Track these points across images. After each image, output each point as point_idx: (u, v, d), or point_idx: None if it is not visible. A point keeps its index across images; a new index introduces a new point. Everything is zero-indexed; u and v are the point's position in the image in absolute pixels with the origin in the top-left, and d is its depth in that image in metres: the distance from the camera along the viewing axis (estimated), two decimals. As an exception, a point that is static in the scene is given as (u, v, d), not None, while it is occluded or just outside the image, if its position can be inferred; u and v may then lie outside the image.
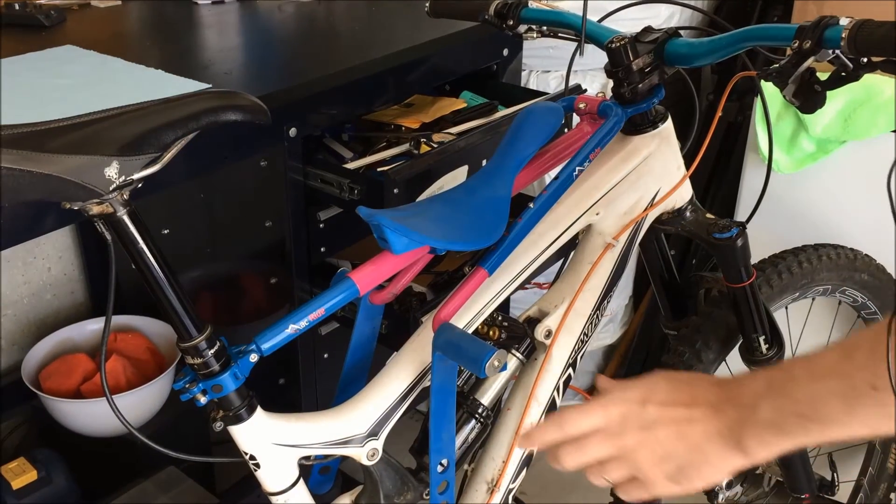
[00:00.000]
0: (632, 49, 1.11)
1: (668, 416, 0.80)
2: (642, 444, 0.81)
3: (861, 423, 0.70)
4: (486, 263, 1.07)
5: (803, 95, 0.97)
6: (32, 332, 1.90)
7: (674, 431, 0.80)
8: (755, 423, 0.75)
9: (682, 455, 0.79)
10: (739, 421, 0.76)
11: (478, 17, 1.30)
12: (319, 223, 1.47)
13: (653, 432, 0.81)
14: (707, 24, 1.97)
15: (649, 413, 0.81)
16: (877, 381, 0.67)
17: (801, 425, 0.73)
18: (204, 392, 0.96)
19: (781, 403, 0.74)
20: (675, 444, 0.80)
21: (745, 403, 0.76)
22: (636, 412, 0.82)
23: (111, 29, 1.72)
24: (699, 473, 0.79)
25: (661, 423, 0.80)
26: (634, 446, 0.81)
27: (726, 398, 0.78)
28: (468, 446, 1.16)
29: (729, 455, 0.77)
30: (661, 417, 0.81)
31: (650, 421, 0.81)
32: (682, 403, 0.81)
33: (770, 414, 0.74)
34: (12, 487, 1.47)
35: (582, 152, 1.12)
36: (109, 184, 0.83)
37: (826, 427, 0.71)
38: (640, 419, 0.82)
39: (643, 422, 0.81)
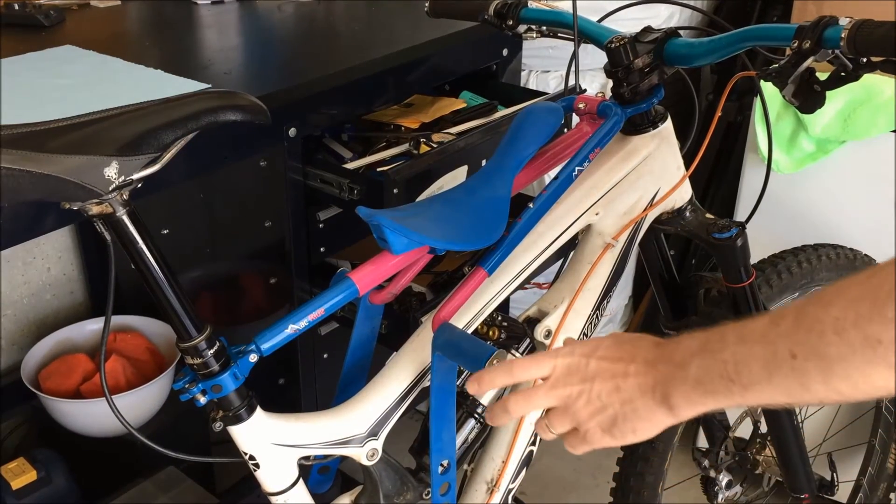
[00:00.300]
0: (631, 49, 1.11)
1: (607, 369, 0.83)
2: (581, 395, 0.84)
3: (778, 389, 0.71)
4: (485, 263, 1.07)
5: (803, 95, 0.97)
6: (32, 332, 1.90)
7: (611, 385, 0.83)
8: (683, 381, 0.77)
9: (616, 408, 0.82)
10: (669, 377, 0.79)
11: (477, 17, 1.30)
12: (319, 223, 1.47)
13: (592, 384, 0.84)
14: (707, 24, 1.97)
15: (591, 366, 0.84)
16: (796, 349, 0.69)
17: (724, 386, 0.74)
18: (203, 392, 0.97)
19: (709, 363, 0.76)
20: (610, 396, 0.82)
21: (678, 361, 0.78)
22: (580, 365, 0.85)
23: (111, 29, 1.72)
24: (631, 427, 0.82)
25: (600, 376, 0.83)
26: (575, 398, 0.84)
27: (661, 355, 0.81)
28: (468, 446, 1.16)
29: (657, 410, 0.80)
30: (601, 371, 0.83)
31: (591, 374, 0.84)
32: (622, 359, 0.83)
33: (698, 372, 0.76)
34: (12, 487, 1.47)
35: (581, 152, 1.12)
36: (109, 184, 0.83)
37: (747, 390, 0.73)
38: (582, 372, 0.85)
39: (585, 374, 0.84)
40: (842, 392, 0.68)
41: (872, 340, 0.64)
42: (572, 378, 0.85)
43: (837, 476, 1.57)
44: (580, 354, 0.86)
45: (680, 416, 0.80)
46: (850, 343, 0.65)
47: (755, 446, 1.54)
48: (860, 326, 0.64)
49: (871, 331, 0.64)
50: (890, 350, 0.63)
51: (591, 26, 1.20)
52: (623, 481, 1.50)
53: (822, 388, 0.68)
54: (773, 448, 1.51)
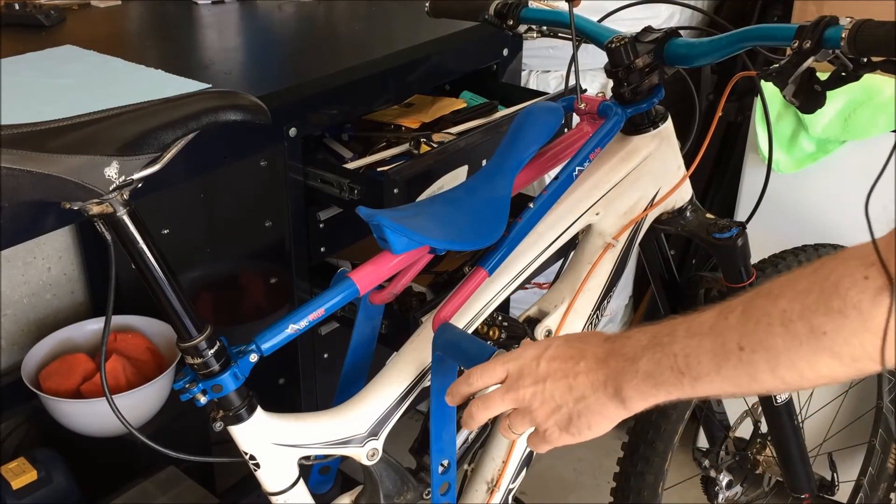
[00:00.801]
0: (632, 49, 1.11)
1: (558, 369, 0.85)
2: (535, 395, 0.86)
3: (727, 381, 0.73)
4: (486, 264, 1.07)
5: (803, 95, 0.97)
6: (32, 332, 1.90)
7: (563, 383, 0.84)
8: (634, 374, 0.79)
9: (571, 405, 0.84)
10: (620, 371, 0.80)
11: (478, 17, 1.30)
12: (319, 223, 1.47)
13: (545, 385, 0.85)
14: (707, 23, 1.97)
15: (542, 367, 0.86)
16: (743, 342, 0.71)
17: (675, 378, 0.76)
18: (204, 392, 0.96)
19: (659, 356, 0.77)
20: (563, 395, 0.84)
21: (628, 355, 0.80)
22: (531, 367, 0.86)
23: (111, 29, 1.72)
24: (586, 423, 0.84)
25: (551, 376, 0.85)
26: (530, 399, 0.86)
27: (612, 350, 0.82)
28: (468, 446, 1.17)
29: (609, 404, 0.82)
30: (552, 371, 0.85)
31: (542, 374, 0.85)
32: (572, 357, 0.85)
33: (648, 366, 0.78)
34: (12, 487, 1.47)
35: (582, 152, 1.12)
36: (109, 184, 0.83)
37: (697, 382, 0.75)
38: (533, 374, 0.86)
39: (536, 376, 0.86)
40: (788, 381, 0.69)
41: (818, 331, 0.65)
42: (525, 381, 0.87)
43: (838, 476, 1.57)
44: (530, 357, 0.87)
45: (632, 409, 0.81)
46: (796, 334, 0.67)
47: (755, 446, 1.54)
48: (806, 318, 0.66)
49: (816, 322, 0.65)
50: (835, 340, 0.65)
51: (592, 26, 1.20)
52: (623, 481, 1.50)
53: (769, 378, 0.70)
54: (773, 448, 1.51)
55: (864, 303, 0.63)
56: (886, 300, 0.62)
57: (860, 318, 0.64)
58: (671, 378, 0.76)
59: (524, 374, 0.87)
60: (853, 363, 0.66)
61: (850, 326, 0.64)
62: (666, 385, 0.77)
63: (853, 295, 0.64)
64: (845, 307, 0.64)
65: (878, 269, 0.63)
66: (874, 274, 0.63)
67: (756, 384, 0.72)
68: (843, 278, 0.65)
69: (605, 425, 0.84)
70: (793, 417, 1.44)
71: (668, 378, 0.76)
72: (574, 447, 0.95)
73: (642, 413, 1.48)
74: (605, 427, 0.84)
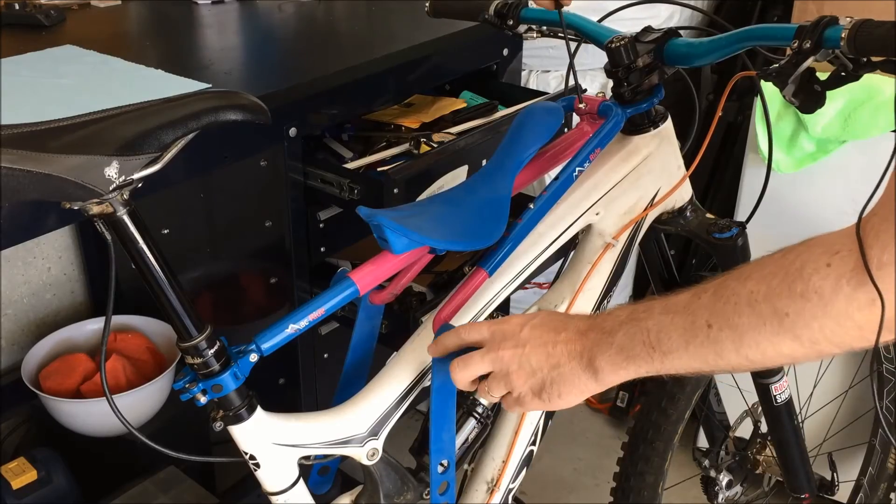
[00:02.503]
0: (631, 49, 1.11)
1: (539, 336, 0.88)
2: (513, 359, 0.89)
3: (694, 357, 0.76)
4: (486, 264, 1.07)
5: (803, 95, 0.97)
6: (32, 331, 1.90)
7: (542, 351, 0.88)
8: (609, 346, 0.83)
9: (545, 373, 0.87)
10: (596, 343, 0.84)
11: (478, 17, 1.30)
12: (319, 223, 1.47)
13: (524, 349, 0.89)
14: (707, 23, 1.97)
15: (524, 333, 0.89)
16: (712, 320, 0.74)
17: (645, 352, 0.79)
18: (204, 392, 0.96)
19: (634, 331, 0.81)
20: (540, 361, 0.88)
21: (607, 329, 0.83)
22: (514, 332, 0.90)
23: (111, 29, 1.72)
24: (558, 391, 0.87)
25: (531, 342, 0.89)
26: (508, 360, 0.89)
27: (593, 325, 0.86)
28: (468, 446, 1.16)
29: (582, 375, 0.85)
30: (533, 338, 0.89)
31: (523, 339, 0.89)
32: (554, 328, 0.88)
33: (622, 339, 0.81)
34: (12, 487, 1.47)
35: (582, 153, 1.12)
36: (109, 183, 0.83)
37: (665, 357, 0.78)
38: (515, 338, 0.90)
39: (517, 340, 0.89)
40: (752, 360, 0.73)
41: (781, 313, 0.69)
42: (506, 343, 0.90)
43: (838, 476, 1.57)
44: (515, 323, 0.91)
45: (603, 382, 0.85)
46: (760, 315, 0.71)
47: (755, 446, 1.54)
48: (770, 300, 0.70)
49: (780, 304, 0.69)
50: (796, 322, 0.68)
51: (591, 26, 1.20)
52: (623, 481, 1.50)
53: (734, 356, 0.74)
54: (773, 448, 1.51)
55: (825, 288, 0.67)
56: (846, 287, 0.65)
57: (821, 302, 0.67)
58: (642, 352, 0.80)
59: (507, 338, 0.90)
60: (812, 345, 0.69)
61: (811, 310, 0.67)
62: (637, 359, 0.80)
63: (815, 280, 0.67)
64: (807, 291, 0.67)
65: (841, 258, 0.66)
66: (837, 262, 0.66)
67: (721, 361, 0.75)
68: (807, 264, 0.68)
69: (575, 395, 0.87)
70: (793, 417, 1.44)
71: (640, 352, 0.80)
72: (574, 447, 0.96)
73: (642, 413, 1.49)
74: (575, 398, 0.87)
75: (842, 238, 0.68)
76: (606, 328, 0.84)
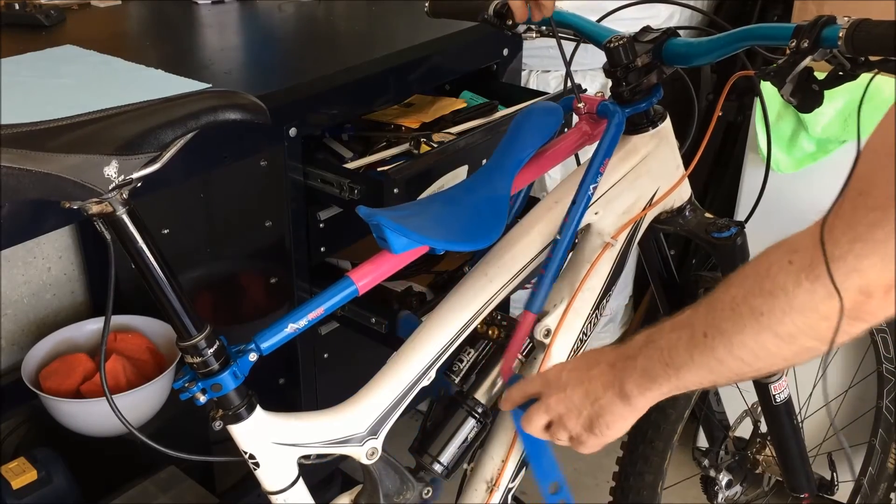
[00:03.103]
0: (630, 49, 1.11)
1: (577, 377, 0.93)
2: (560, 403, 0.94)
3: (701, 367, 0.80)
4: (531, 306, 1.11)
5: (801, 94, 0.97)
6: (32, 331, 1.90)
7: (580, 389, 0.92)
8: (633, 371, 0.86)
9: (589, 408, 0.92)
10: (623, 370, 0.88)
11: (477, 17, 1.30)
12: (319, 223, 1.47)
13: (566, 392, 0.94)
14: (706, 23, 1.97)
15: (564, 377, 0.95)
16: (706, 329, 0.78)
17: (663, 371, 0.83)
18: (203, 391, 0.97)
19: (651, 352, 0.84)
20: (582, 399, 0.92)
21: (630, 355, 0.87)
22: (556, 378, 0.96)
23: (111, 29, 1.72)
24: (605, 423, 0.91)
25: (571, 383, 0.94)
26: (556, 406, 0.95)
27: (619, 354, 0.90)
28: (468, 445, 1.17)
29: (619, 403, 0.89)
30: (572, 379, 0.94)
31: (564, 383, 0.94)
32: (587, 365, 0.93)
33: (643, 362, 0.85)
34: (12, 487, 1.47)
35: (592, 168, 1.12)
36: (109, 183, 0.83)
37: (679, 371, 0.82)
38: (558, 383, 0.95)
39: (560, 385, 0.95)
40: (748, 362, 0.76)
41: (756, 312, 0.73)
42: (551, 390, 0.96)
43: (838, 476, 1.57)
44: (556, 369, 0.97)
45: (636, 406, 0.88)
46: (741, 316, 0.74)
47: (755, 446, 1.54)
48: (747, 301, 0.74)
49: (755, 304, 0.73)
50: (771, 319, 0.72)
51: (591, 26, 1.20)
52: (623, 481, 1.50)
53: (731, 360, 0.77)
54: (773, 448, 1.51)
55: (788, 284, 0.71)
56: (804, 282, 0.69)
57: (786, 298, 0.71)
58: (661, 371, 0.83)
59: (551, 385, 0.96)
60: (794, 340, 0.72)
61: (781, 306, 0.71)
62: (658, 378, 0.84)
63: (780, 278, 0.71)
64: (774, 289, 0.71)
65: (800, 255, 0.70)
66: (797, 259, 0.70)
67: (723, 367, 0.78)
68: (773, 263, 0.72)
69: (620, 424, 0.91)
70: (792, 417, 1.44)
71: (660, 371, 0.83)
72: None
73: (642, 412, 1.49)
74: (622, 426, 0.91)
75: (802, 237, 0.72)
76: (629, 354, 0.87)
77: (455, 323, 1.09)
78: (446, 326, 1.09)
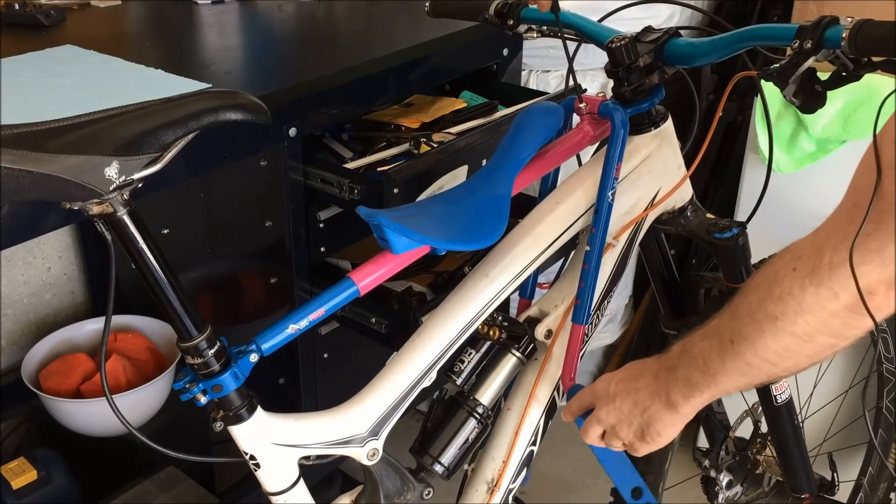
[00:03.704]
0: (632, 49, 1.11)
1: (624, 388, 0.98)
2: (610, 413, 0.99)
3: (734, 372, 0.85)
4: (577, 318, 1.14)
5: (804, 95, 0.97)
6: (32, 331, 1.90)
7: (629, 400, 0.97)
8: (675, 381, 0.91)
9: (639, 417, 0.97)
10: (666, 380, 0.93)
11: (478, 17, 1.30)
12: (319, 223, 1.47)
13: (615, 403, 0.99)
14: (707, 23, 1.97)
15: (612, 389, 1.00)
16: (732, 336, 0.83)
17: (702, 378, 0.88)
18: (204, 392, 0.96)
19: (688, 362, 0.90)
20: (631, 409, 0.97)
21: (670, 366, 0.93)
22: (605, 390, 1.01)
23: (111, 29, 1.72)
24: (655, 430, 0.96)
25: (619, 395, 0.99)
26: (606, 417, 1.00)
27: (661, 364, 0.95)
28: (469, 446, 1.16)
29: (666, 412, 0.94)
30: (620, 391, 0.99)
31: (613, 394, 1.00)
32: (633, 377, 0.98)
33: (683, 371, 0.90)
34: (12, 487, 1.47)
35: (607, 174, 1.13)
36: (109, 184, 0.83)
37: (716, 378, 0.87)
38: (607, 395, 1.00)
39: (609, 397, 1.00)
40: (774, 363, 0.81)
41: (771, 316, 0.78)
42: (602, 402, 1.01)
43: (838, 476, 1.57)
44: (605, 382, 1.02)
45: (684, 413, 0.93)
46: (759, 322, 0.80)
47: (756, 446, 1.54)
48: (762, 307, 0.79)
49: (769, 309, 0.78)
50: (785, 322, 0.77)
51: (592, 26, 1.20)
52: (623, 481, 1.50)
53: (759, 362, 0.82)
54: (773, 448, 1.51)
55: (794, 289, 0.76)
56: (809, 287, 0.75)
57: (795, 301, 0.76)
58: (700, 378, 0.88)
59: (601, 397, 1.01)
60: (811, 338, 0.78)
61: (793, 309, 0.77)
62: (699, 385, 0.89)
63: (787, 284, 0.77)
64: (784, 294, 0.77)
65: (803, 262, 0.76)
66: (800, 265, 0.76)
67: (753, 370, 0.83)
68: (779, 270, 0.78)
69: (671, 431, 0.96)
70: (793, 417, 1.44)
71: (699, 379, 0.88)
72: (574, 447, 0.99)
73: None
74: (672, 432, 0.96)
75: (804, 243, 0.78)
76: (670, 365, 0.92)
77: (456, 324, 1.09)
78: (447, 327, 1.09)
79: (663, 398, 0.93)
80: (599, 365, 2.48)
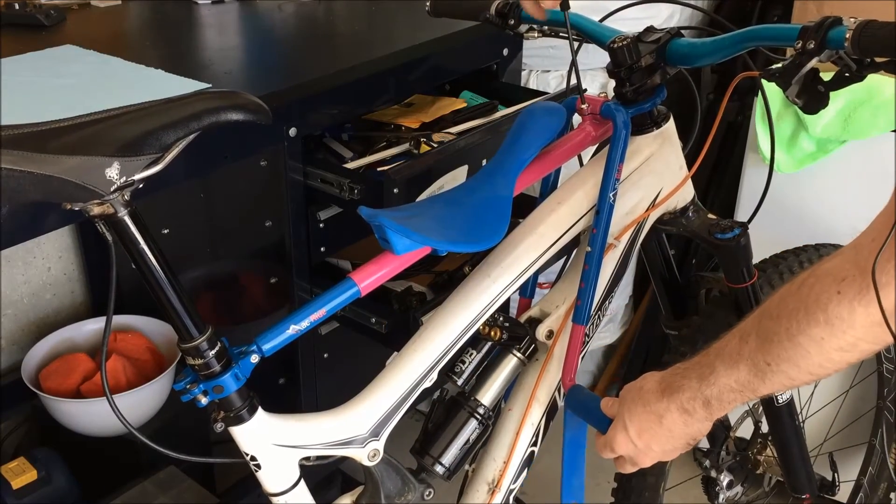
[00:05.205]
0: (634, 49, 1.11)
1: (652, 437, 0.99)
2: (626, 445, 1.00)
3: (775, 385, 0.87)
4: (577, 319, 1.14)
5: (806, 96, 0.96)
6: (32, 331, 1.89)
7: (666, 448, 0.99)
8: (710, 411, 0.94)
9: (675, 442, 0.99)
10: (704, 420, 0.95)
11: (478, 17, 1.30)
12: (319, 223, 1.47)
13: (651, 456, 1.01)
14: (707, 23, 1.97)
15: (639, 445, 1.00)
16: (768, 359, 0.86)
17: (740, 396, 0.91)
18: (205, 393, 0.96)
19: (717, 391, 0.92)
20: (668, 438, 0.98)
21: (706, 400, 0.94)
22: None
23: (111, 29, 1.71)
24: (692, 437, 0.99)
25: (651, 443, 1.00)
26: (625, 448, 1.00)
27: (691, 402, 0.96)
28: (469, 447, 1.16)
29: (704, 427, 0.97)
30: (633, 414, 0.99)
31: (644, 450, 1.01)
32: (658, 418, 0.98)
33: (717, 406, 0.93)
34: (12, 487, 1.47)
35: (608, 175, 1.12)
36: (110, 184, 0.83)
37: (757, 391, 0.89)
38: (622, 422, 1.00)
39: (640, 453, 1.01)
40: (817, 374, 0.84)
41: (816, 339, 0.80)
42: (616, 427, 1.01)
43: (838, 476, 1.56)
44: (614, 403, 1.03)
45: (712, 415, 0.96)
46: (802, 345, 0.82)
47: (756, 446, 1.54)
48: (804, 331, 0.81)
49: (813, 333, 0.80)
50: (832, 342, 0.80)
51: (593, 26, 1.20)
52: (624, 481, 1.50)
53: (801, 374, 0.85)
54: (774, 448, 1.50)
55: (842, 313, 0.78)
56: (858, 308, 0.77)
57: (843, 324, 0.78)
58: (739, 398, 0.91)
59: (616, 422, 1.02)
60: (855, 347, 0.80)
61: (840, 329, 0.79)
62: (735, 401, 0.92)
63: (832, 308, 0.78)
64: (830, 318, 0.79)
65: (847, 284, 0.77)
66: (845, 288, 0.77)
67: (794, 382, 0.87)
68: (821, 295, 0.79)
69: (699, 437, 1.00)
70: (793, 417, 1.44)
71: (735, 397, 0.91)
72: None
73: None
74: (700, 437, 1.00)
75: (844, 264, 0.78)
76: (707, 397, 0.93)
77: (457, 324, 1.09)
78: (448, 328, 1.09)
79: (698, 426, 0.96)
80: (599, 365, 2.48)
